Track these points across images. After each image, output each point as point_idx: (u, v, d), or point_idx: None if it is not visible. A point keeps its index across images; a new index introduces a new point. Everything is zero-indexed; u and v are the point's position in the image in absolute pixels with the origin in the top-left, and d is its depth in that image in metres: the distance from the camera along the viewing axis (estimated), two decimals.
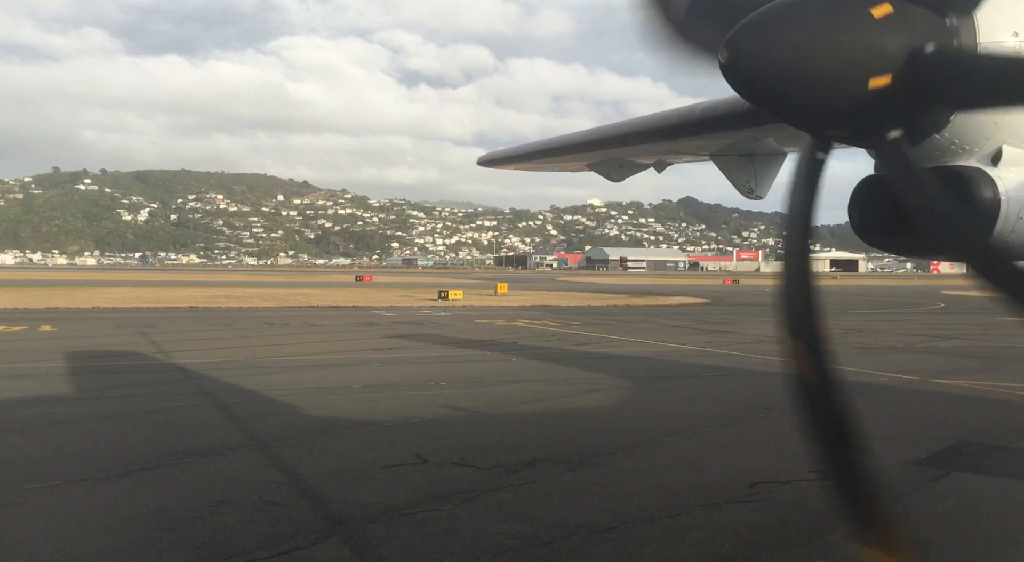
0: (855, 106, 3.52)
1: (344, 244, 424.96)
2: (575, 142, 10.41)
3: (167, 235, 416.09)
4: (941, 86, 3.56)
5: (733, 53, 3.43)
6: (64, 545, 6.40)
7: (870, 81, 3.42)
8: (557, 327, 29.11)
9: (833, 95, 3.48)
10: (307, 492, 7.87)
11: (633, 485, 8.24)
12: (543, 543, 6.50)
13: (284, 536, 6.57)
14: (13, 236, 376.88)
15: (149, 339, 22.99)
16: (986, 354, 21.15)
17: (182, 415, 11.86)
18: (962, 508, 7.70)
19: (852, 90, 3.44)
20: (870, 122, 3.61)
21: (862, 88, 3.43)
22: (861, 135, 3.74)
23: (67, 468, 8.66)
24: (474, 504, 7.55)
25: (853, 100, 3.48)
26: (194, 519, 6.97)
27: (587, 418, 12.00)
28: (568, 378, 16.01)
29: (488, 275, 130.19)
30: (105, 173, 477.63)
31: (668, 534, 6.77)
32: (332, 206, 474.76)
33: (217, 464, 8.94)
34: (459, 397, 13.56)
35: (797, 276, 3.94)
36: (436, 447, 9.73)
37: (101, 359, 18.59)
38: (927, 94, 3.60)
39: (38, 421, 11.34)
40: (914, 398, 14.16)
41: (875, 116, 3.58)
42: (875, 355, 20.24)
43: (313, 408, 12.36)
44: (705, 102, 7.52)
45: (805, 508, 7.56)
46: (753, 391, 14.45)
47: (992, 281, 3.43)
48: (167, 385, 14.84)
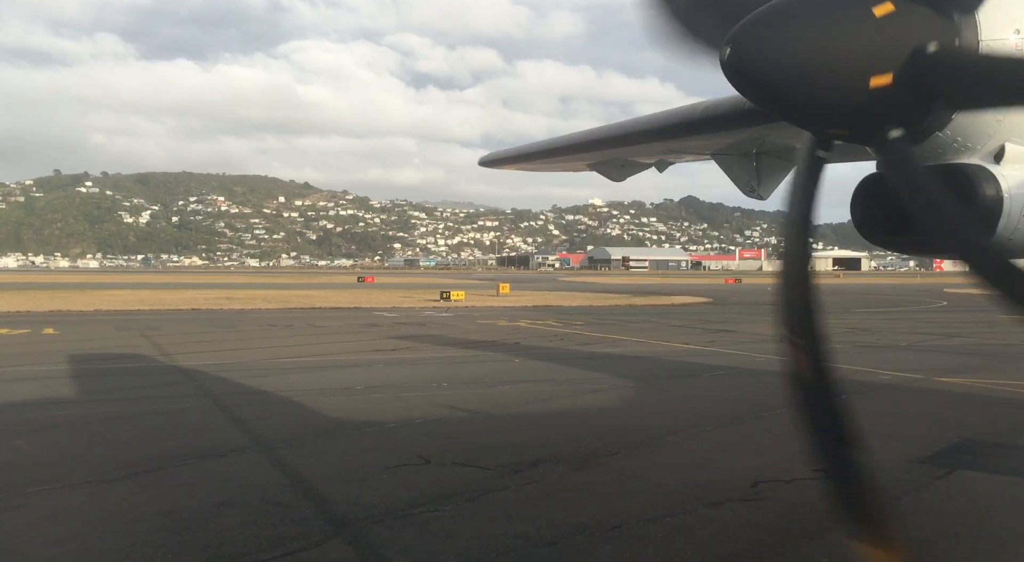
0: (856, 105, 3.50)
1: (346, 245, 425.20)
2: (576, 142, 10.38)
3: (169, 237, 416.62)
4: (943, 86, 3.55)
5: (734, 51, 3.42)
6: (67, 547, 6.40)
7: (871, 80, 3.40)
8: (559, 327, 29.10)
9: (834, 94, 3.47)
10: (310, 493, 7.87)
11: (636, 484, 8.23)
12: (546, 543, 6.49)
13: (287, 537, 6.57)
14: (15, 239, 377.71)
15: (151, 341, 23.01)
16: (989, 352, 21.11)
17: (185, 417, 11.86)
18: (965, 506, 7.69)
19: (853, 89, 3.43)
20: (871, 121, 3.59)
21: (863, 87, 3.42)
22: (862, 134, 3.72)
23: (70, 470, 8.66)
24: (477, 504, 7.55)
25: (854, 99, 3.47)
26: (197, 521, 6.97)
27: (590, 418, 11.99)
28: (571, 378, 16.00)
29: (490, 275, 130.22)
30: (106, 175, 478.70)
31: (671, 533, 6.76)
32: (334, 207, 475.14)
33: (220, 466, 8.95)
34: (462, 398, 13.56)
35: (796, 274, 3.94)
36: (439, 448, 9.73)
37: (104, 362, 18.60)
38: (928, 93, 3.58)
39: (41, 424, 11.35)
40: (917, 396, 14.14)
41: (876, 115, 3.56)
42: (878, 353, 20.21)
43: (316, 409, 12.36)
44: (707, 101, 7.50)
45: (808, 507, 7.54)
46: (756, 390, 14.43)
47: (990, 281, 3.42)
48: (169, 387, 14.84)
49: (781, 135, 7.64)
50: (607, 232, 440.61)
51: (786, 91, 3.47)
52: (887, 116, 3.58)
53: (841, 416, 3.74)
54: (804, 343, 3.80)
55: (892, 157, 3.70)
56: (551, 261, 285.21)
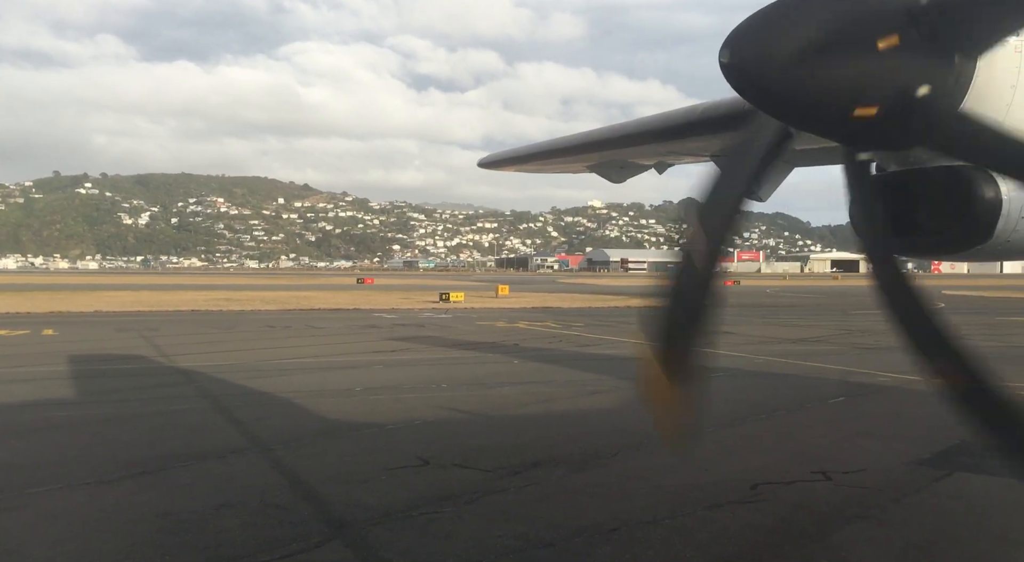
0: (838, 125, 3.53)
1: (345, 247, 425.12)
2: (576, 143, 10.41)
3: (168, 238, 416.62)
4: (922, 131, 3.54)
5: (734, 53, 3.43)
6: (66, 548, 6.40)
7: (856, 109, 3.39)
8: (558, 329, 29.09)
9: (821, 108, 3.48)
10: (309, 495, 7.86)
11: (635, 486, 8.23)
12: (546, 545, 6.49)
13: (286, 539, 6.56)
14: (14, 240, 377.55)
15: (151, 342, 23.00)
16: (987, 354, 21.07)
17: (184, 418, 11.85)
18: (965, 507, 7.69)
19: (837, 111, 3.44)
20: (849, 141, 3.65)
21: (846, 113, 3.41)
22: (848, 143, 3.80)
23: (69, 471, 8.65)
24: (476, 506, 7.55)
25: (836, 120, 3.49)
26: (196, 522, 6.96)
27: (589, 419, 11.99)
28: (570, 380, 16.00)
29: (489, 277, 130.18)
30: (106, 177, 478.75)
31: (671, 535, 6.76)
32: (333, 209, 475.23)
33: (219, 467, 8.94)
34: (461, 399, 13.56)
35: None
36: (438, 449, 9.72)
37: (103, 363, 18.59)
38: (907, 134, 3.58)
39: (40, 425, 11.34)
40: (916, 398, 14.12)
41: (854, 139, 3.61)
42: (876, 355, 20.20)
43: (315, 410, 12.36)
44: (706, 103, 7.52)
45: (808, 509, 7.55)
46: (755, 392, 14.43)
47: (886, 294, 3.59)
48: (169, 388, 14.84)
49: None
50: (606, 234, 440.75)
51: (786, 93, 3.47)
52: (864, 142, 3.62)
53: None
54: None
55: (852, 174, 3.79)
56: (550, 263, 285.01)
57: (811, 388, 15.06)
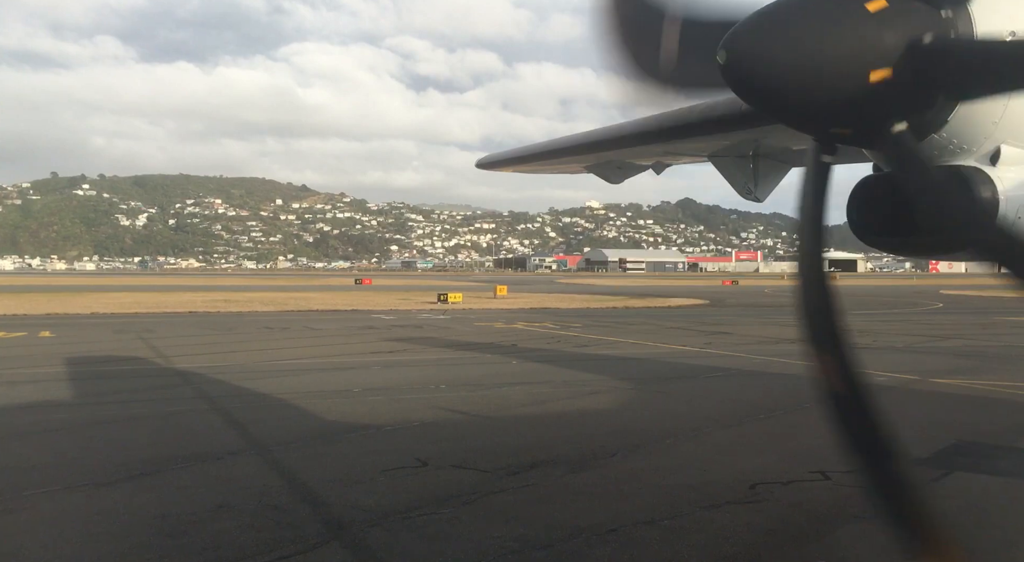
0: (858, 101, 3.51)
1: (343, 247, 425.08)
2: (574, 144, 10.39)
3: (165, 240, 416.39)
4: (943, 76, 3.56)
5: (732, 54, 3.42)
6: (64, 551, 6.39)
7: (871, 74, 3.41)
8: (556, 329, 29.10)
9: (835, 92, 3.47)
10: (307, 496, 7.85)
11: (634, 487, 8.23)
12: (544, 545, 6.49)
13: (284, 541, 6.56)
14: (11, 241, 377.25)
15: (148, 344, 22.98)
16: (985, 354, 21.15)
17: (182, 420, 11.84)
18: (963, 507, 7.69)
19: (854, 85, 3.43)
20: (874, 117, 3.60)
21: (863, 82, 3.42)
22: (865, 131, 3.73)
23: (67, 473, 8.64)
24: (475, 507, 7.54)
25: (855, 95, 3.47)
26: (194, 524, 6.96)
27: (587, 420, 11.99)
28: (568, 380, 16.01)
29: (487, 277, 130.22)
30: (103, 178, 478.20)
31: (669, 535, 6.76)
32: (331, 210, 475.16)
33: (217, 469, 8.93)
34: (459, 400, 13.55)
35: (813, 282, 3.98)
36: (436, 450, 9.72)
37: (101, 364, 18.57)
38: (930, 85, 3.59)
39: (38, 427, 11.33)
40: (914, 398, 14.16)
41: (879, 110, 3.57)
42: (875, 355, 20.21)
43: (313, 412, 12.35)
44: (704, 103, 7.49)
45: (806, 509, 7.55)
46: (753, 392, 14.44)
47: (1006, 264, 3.47)
48: (167, 390, 14.82)
49: (778, 137, 7.65)
50: (604, 234, 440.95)
51: (786, 93, 3.47)
52: (889, 110, 3.59)
53: (879, 428, 3.73)
54: (830, 354, 3.83)
55: (898, 152, 3.71)
56: (548, 263, 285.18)
57: (810, 388, 15.04)
